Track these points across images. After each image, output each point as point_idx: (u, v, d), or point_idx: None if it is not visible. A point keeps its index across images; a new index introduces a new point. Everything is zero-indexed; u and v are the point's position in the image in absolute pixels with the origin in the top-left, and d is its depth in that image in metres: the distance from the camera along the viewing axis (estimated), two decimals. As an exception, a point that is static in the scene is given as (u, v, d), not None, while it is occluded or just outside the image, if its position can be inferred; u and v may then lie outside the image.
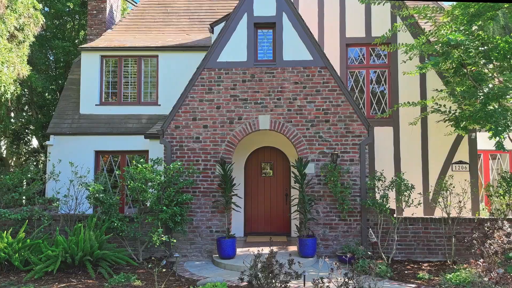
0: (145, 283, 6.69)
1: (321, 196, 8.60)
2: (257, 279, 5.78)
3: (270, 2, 8.98)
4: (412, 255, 8.47)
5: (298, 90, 8.86)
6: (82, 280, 6.88)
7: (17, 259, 7.20)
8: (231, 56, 8.96)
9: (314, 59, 8.87)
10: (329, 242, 8.51)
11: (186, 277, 7.13)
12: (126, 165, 11.32)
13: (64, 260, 7.06)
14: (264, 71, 8.94)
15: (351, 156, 8.68)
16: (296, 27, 8.94)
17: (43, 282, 6.74)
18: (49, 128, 11.74)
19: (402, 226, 8.46)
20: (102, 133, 11.52)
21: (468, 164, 10.09)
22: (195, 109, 8.92)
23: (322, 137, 8.73)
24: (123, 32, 13.18)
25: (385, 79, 10.54)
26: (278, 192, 10.31)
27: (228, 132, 8.84)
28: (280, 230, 10.13)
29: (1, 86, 9.79)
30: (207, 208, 8.70)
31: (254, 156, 10.33)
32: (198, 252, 8.62)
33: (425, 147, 10.18)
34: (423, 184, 10.01)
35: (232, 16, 9.00)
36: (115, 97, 12.15)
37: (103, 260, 7.37)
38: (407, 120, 9.87)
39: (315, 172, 8.65)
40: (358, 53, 10.68)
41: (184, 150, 8.86)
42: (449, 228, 8.24)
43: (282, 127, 8.81)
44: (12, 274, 7.18)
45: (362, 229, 8.44)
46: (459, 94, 7.52)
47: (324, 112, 8.78)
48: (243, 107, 8.88)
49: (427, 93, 10.03)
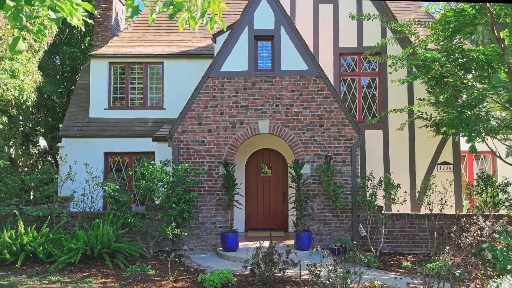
0: (158, 272, 7.48)
1: (316, 195, 9.41)
2: (259, 267, 6.59)
3: (269, 16, 9.77)
4: (398, 248, 9.31)
5: (294, 97, 9.66)
6: (101, 270, 7.67)
7: (41, 251, 7.98)
8: (233, 66, 9.74)
9: (309, 68, 9.67)
10: (323, 236, 9.32)
11: (194, 267, 7.92)
12: (133, 165, 12.08)
13: (84, 252, 7.85)
14: (263, 79, 9.73)
15: (343, 158, 9.49)
16: (292, 39, 9.73)
17: (67, 272, 7.52)
18: (60, 131, 12.50)
19: (389, 221, 9.29)
20: (111, 135, 12.27)
21: (452, 165, 10.93)
22: (200, 115, 9.71)
23: (317, 141, 9.54)
24: (129, 39, 13.92)
25: (375, 85, 11.35)
26: (276, 190, 11.11)
27: (231, 136, 9.63)
28: (278, 226, 10.93)
29: (24, 95, 10.55)
30: (212, 205, 9.49)
31: (254, 158, 11.13)
32: (203, 246, 9.42)
33: (412, 148, 11.01)
34: (410, 183, 10.85)
35: (234, 29, 9.78)
36: (122, 101, 12.90)
37: (119, 252, 8.16)
38: (395, 124, 10.68)
39: (310, 173, 9.46)
40: (351, 61, 11.49)
41: (190, 152, 9.64)
42: (432, 223, 9.07)
43: (280, 131, 9.60)
44: (37, 265, 7.96)
45: (353, 224, 9.26)
46: (439, 103, 8.34)
47: (318, 117, 9.59)
48: (244, 113, 9.67)
49: (414, 99, 10.85)
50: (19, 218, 8.44)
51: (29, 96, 11.06)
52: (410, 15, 13.03)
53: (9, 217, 8.94)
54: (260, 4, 9.81)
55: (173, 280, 6.92)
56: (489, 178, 8.88)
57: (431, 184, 9.13)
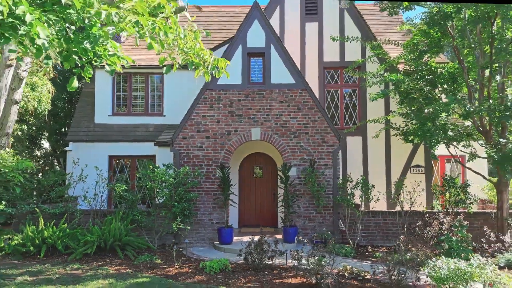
0: (163, 261, 8.64)
1: (302, 194, 10.63)
2: (251, 256, 7.79)
3: (260, 35, 10.97)
4: (374, 241, 10.57)
5: (283, 108, 10.87)
6: (114, 260, 8.80)
7: (60, 244, 9.08)
8: (229, 79, 10.91)
9: (296, 82, 10.89)
10: (308, 231, 10.55)
11: (195, 258, 9.08)
12: (136, 168, 13.19)
13: (98, 244, 8.98)
14: (255, 92, 10.93)
15: (326, 162, 10.73)
16: (281, 56, 10.95)
17: (84, 262, 8.63)
18: (68, 136, 13.55)
19: (366, 217, 10.55)
20: (115, 140, 13.33)
21: (424, 167, 12.25)
22: (199, 123, 10.87)
23: (303, 146, 10.76)
24: (131, 50, 15.00)
25: (356, 96, 12.63)
26: (267, 190, 12.31)
27: (226, 142, 10.80)
28: (269, 223, 12.14)
29: (41, 105, 11.62)
30: (209, 204, 10.66)
31: (247, 161, 12.32)
32: (201, 240, 10.58)
33: (388, 153, 12.31)
34: (386, 183, 12.15)
35: (229, 47, 10.97)
36: (125, 108, 13.99)
37: (128, 245, 9.29)
38: (373, 132, 11.94)
39: (297, 175, 10.67)
40: (334, 74, 12.75)
41: (190, 157, 10.80)
42: (403, 219, 10.35)
43: (270, 138, 10.81)
44: (56, 256, 9.06)
45: (334, 220, 10.51)
46: (407, 115, 9.63)
47: (304, 126, 10.81)
48: (238, 121, 10.85)
49: (390, 109, 12.14)
50: (39, 215, 9.53)
51: (46, 107, 12.13)
52: (391, 28, 14.35)
53: (28, 215, 10.02)
54: (253, 25, 11.01)
55: (178, 267, 8.08)
56: (451, 179, 10.18)
57: (403, 186, 10.41)
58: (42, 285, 6.84)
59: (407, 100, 9.73)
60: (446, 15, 8.77)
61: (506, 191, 9.17)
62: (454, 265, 5.14)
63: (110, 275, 7.51)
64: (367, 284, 6.91)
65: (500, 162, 7.84)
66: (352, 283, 6.92)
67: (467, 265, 5.13)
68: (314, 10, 12.80)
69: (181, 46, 3.71)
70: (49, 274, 7.60)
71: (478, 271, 4.93)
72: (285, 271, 7.77)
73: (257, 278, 7.27)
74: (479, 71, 9.07)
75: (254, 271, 7.75)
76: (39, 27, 3.14)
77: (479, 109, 7.97)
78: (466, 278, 4.93)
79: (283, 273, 7.61)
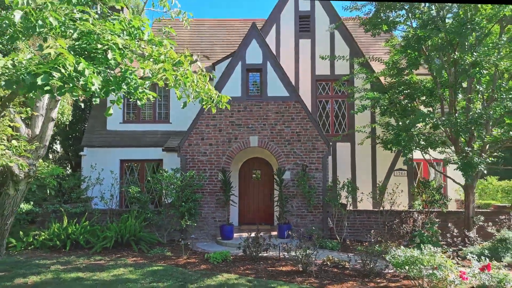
0: (173, 254, 9.94)
1: (295, 195, 11.93)
2: (249, 249, 9.09)
3: (258, 53, 12.27)
4: (359, 237, 11.86)
5: (278, 118, 12.16)
6: (129, 253, 10.11)
7: (82, 239, 10.39)
8: (230, 92, 12.18)
9: (290, 95, 12.18)
10: (300, 228, 11.83)
11: (200, 251, 10.39)
12: (145, 171, 14.49)
13: (116, 239, 10.29)
14: (253, 103, 12.22)
15: (316, 166, 12.02)
16: (276, 71, 12.24)
17: (103, 254, 9.93)
18: (82, 141, 14.86)
19: (352, 216, 11.84)
20: (125, 145, 14.63)
21: (406, 171, 13.53)
22: (203, 132, 12.17)
23: (296, 152, 12.05)
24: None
25: (345, 106, 13.93)
26: (264, 192, 13.61)
27: (227, 148, 12.10)
28: (266, 221, 13.43)
29: (64, 117, 12.94)
30: (212, 204, 11.96)
31: (246, 165, 13.62)
32: (205, 236, 11.89)
33: (374, 157, 13.60)
34: (372, 185, 13.44)
35: (230, 64, 12.27)
36: (135, 116, 15.30)
37: (141, 240, 10.60)
38: (360, 138, 13.25)
39: (290, 178, 11.97)
40: (325, 86, 14.04)
41: (195, 162, 12.11)
42: (384, 218, 11.64)
43: (267, 145, 12.10)
44: (78, 250, 10.36)
45: (323, 218, 11.80)
46: (386, 125, 10.92)
47: (297, 134, 12.10)
48: (238, 130, 12.15)
49: (376, 118, 13.43)
50: (63, 214, 10.85)
51: (68, 118, 13.45)
52: (382, 38, 15.62)
53: (51, 214, 11.33)
54: (251, 43, 12.30)
55: (186, 258, 9.39)
56: (427, 182, 11.47)
57: (386, 188, 11.70)
58: (73, 272, 8.16)
59: (387, 113, 11.03)
60: (420, 39, 10.04)
61: (472, 192, 10.45)
62: (410, 253, 6.42)
63: (129, 264, 8.82)
64: (345, 271, 8.22)
65: (463, 168, 9.11)
66: (333, 271, 8.23)
67: (420, 253, 6.41)
68: (307, 28, 14.10)
69: (194, 88, 4.98)
70: (77, 264, 8.92)
71: (428, 258, 6.20)
72: (277, 261, 9.08)
73: (253, 267, 8.57)
74: (449, 89, 10.35)
75: (251, 261, 9.05)
76: (94, 78, 4.43)
77: (444, 122, 9.26)
78: (417, 263, 6.21)
79: (276, 263, 8.92)
